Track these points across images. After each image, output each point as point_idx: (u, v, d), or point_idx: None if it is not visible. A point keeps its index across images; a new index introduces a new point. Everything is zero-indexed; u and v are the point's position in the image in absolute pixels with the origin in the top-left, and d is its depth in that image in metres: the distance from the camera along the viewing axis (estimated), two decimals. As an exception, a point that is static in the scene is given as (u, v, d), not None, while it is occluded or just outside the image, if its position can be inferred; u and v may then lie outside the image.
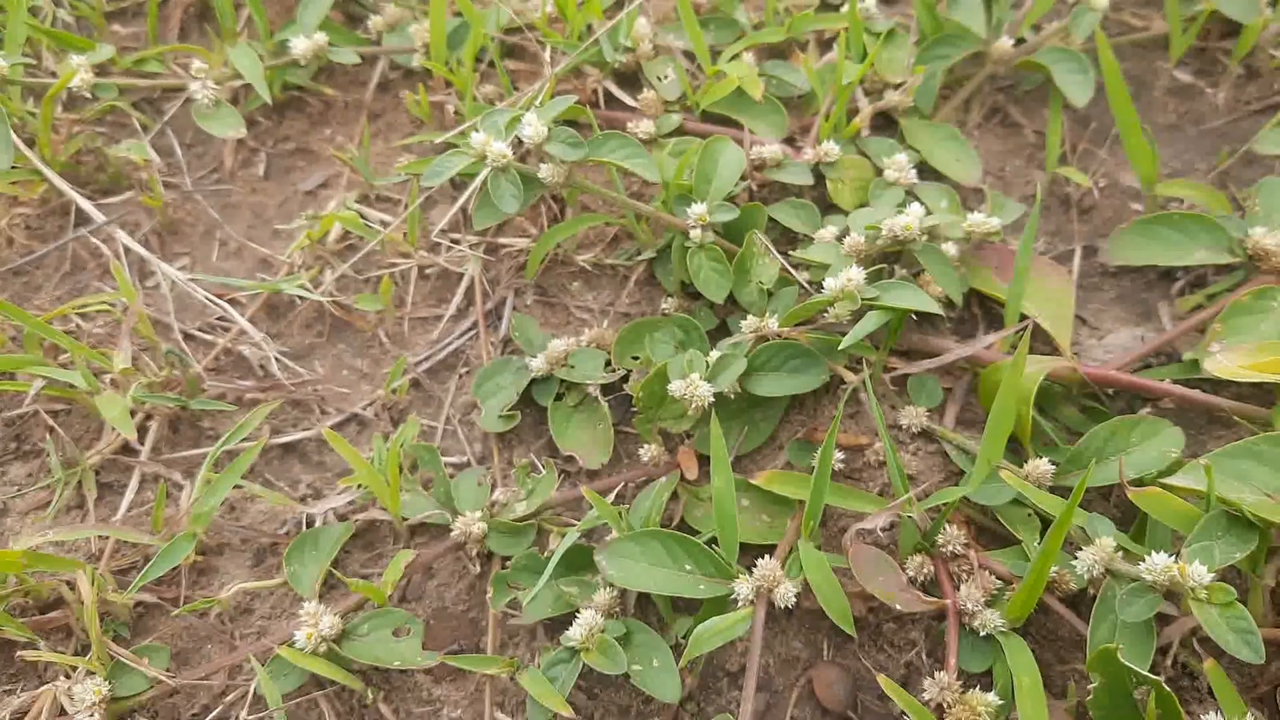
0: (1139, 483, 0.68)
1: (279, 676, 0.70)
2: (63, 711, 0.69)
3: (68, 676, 0.71)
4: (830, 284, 0.75)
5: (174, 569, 0.76)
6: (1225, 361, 0.73)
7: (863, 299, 0.74)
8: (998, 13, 0.94)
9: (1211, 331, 0.77)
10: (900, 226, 0.78)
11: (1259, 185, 0.85)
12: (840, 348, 0.73)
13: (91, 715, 0.68)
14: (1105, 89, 0.85)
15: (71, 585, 0.73)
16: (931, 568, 0.71)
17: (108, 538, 0.77)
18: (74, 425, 0.83)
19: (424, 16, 1.00)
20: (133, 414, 0.81)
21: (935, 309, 0.75)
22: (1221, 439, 0.76)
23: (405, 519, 0.77)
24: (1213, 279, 0.85)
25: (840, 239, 0.82)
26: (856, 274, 0.74)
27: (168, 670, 0.72)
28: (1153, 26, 1.01)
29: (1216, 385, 0.77)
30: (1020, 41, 0.97)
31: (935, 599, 0.68)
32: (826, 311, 0.77)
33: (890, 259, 0.83)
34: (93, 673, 0.70)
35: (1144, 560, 0.63)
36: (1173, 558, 0.62)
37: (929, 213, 0.85)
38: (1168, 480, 0.67)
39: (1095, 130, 0.96)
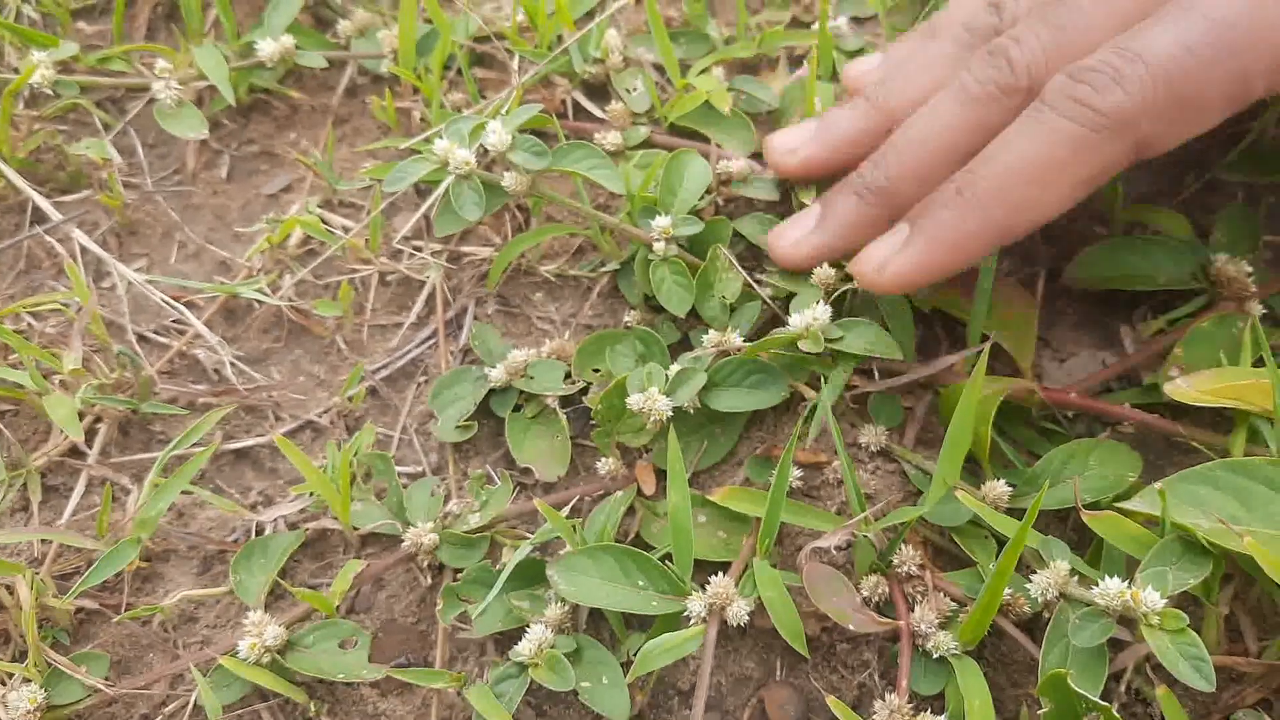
0: (1095, 506, 0.68)
1: (220, 687, 0.69)
2: (-4, 719, 0.68)
3: (3, 683, 0.69)
4: (795, 320, 0.74)
5: (117, 575, 0.74)
6: (1185, 386, 0.73)
7: (826, 340, 0.74)
8: (968, 34, 0.94)
9: (1172, 356, 0.77)
10: None
11: (1223, 212, 0.85)
12: (823, 404, 0.72)
13: (25, 723, 0.66)
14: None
15: (10, 589, 0.71)
16: (887, 588, 0.70)
17: (50, 542, 0.76)
18: (20, 426, 0.82)
19: (394, 22, 0.99)
20: (82, 416, 0.80)
21: (898, 355, 0.75)
22: (1180, 465, 0.75)
23: (356, 529, 0.76)
24: (1175, 304, 0.85)
25: (806, 256, 0.82)
26: (822, 313, 0.74)
27: (107, 679, 0.70)
28: (1122, 52, 1.01)
29: (1176, 411, 0.76)
30: (990, 63, 0.97)
31: (889, 620, 0.67)
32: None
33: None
34: (29, 680, 0.68)
35: (1097, 585, 0.62)
36: (1126, 583, 0.62)
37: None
38: (1123, 504, 0.67)
39: (1063, 154, 0.96)
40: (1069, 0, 0.69)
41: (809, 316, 0.74)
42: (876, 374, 0.79)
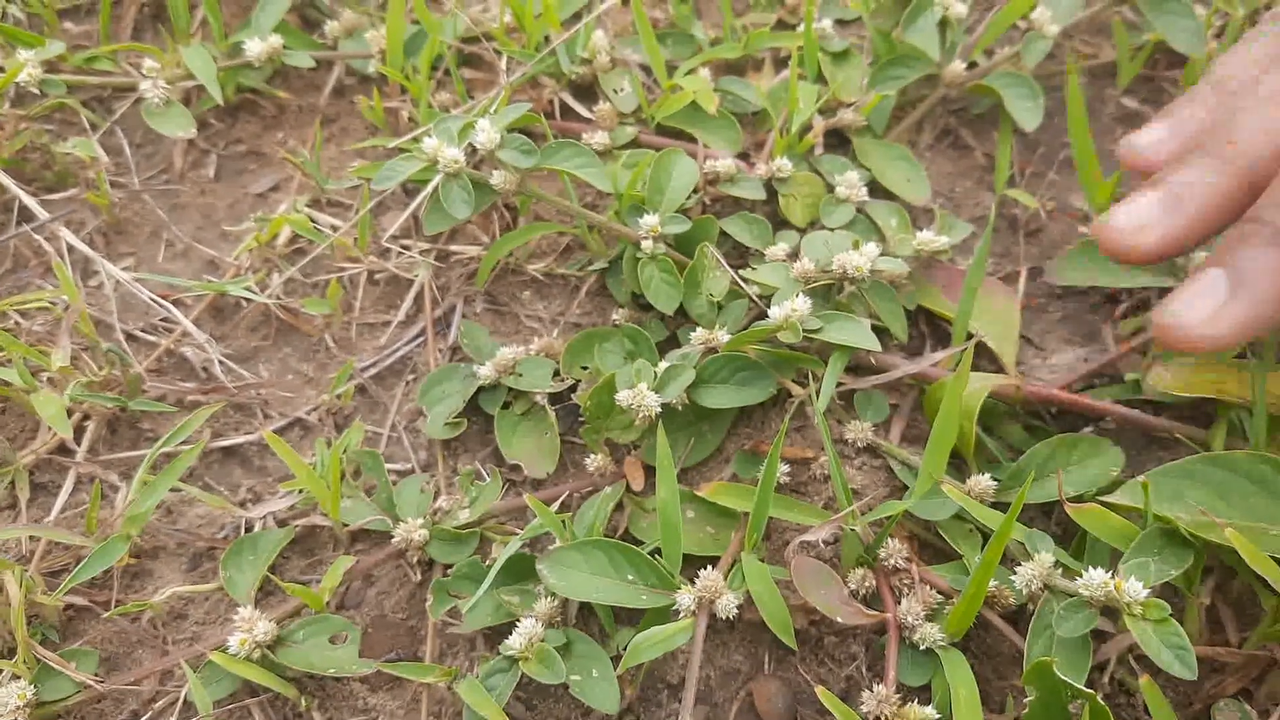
0: (1078, 500, 0.69)
1: (211, 683, 0.69)
2: (-16, 715, 0.68)
3: (-8, 680, 0.69)
4: (775, 312, 0.75)
5: (106, 572, 0.74)
6: (1166, 376, 0.74)
7: (805, 329, 0.74)
8: (952, 36, 0.95)
9: (1152, 352, 0.78)
10: (852, 266, 0.78)
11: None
12: (819, 410, 0.73)
13: (15, 720, 0.66)
14: (1059, 114, 0.86)
15: (-1, 586, 0.71)
16: (873, 581, 0.71)
17: (39, 538, 0.76)
18: (9, 424, 0.82)
19: (381, 23, 1.00)
20: (70, 413, 0.80)
21: (876, 347, 0.75)
22: (1162, 459, 0.76)
23: (346, 525, 0.76)
24: (1156, 301, 0.86)
25: (792, 256, 0.83)
26: (801, 305, 0.74)
27: (96, 675, 0.70)
28: (1101, 54, 1.03)
29: (1157, 407, 0.78)
30: (973, 65, 0.98)
31: (876, 612, 0.68)
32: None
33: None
34: (18, 676, 0.68)
35: (1081, 576, 0.63)
36: (1110, 574, 0.63)
37: (881, 236, 0.86)
38: (1106, 498, 0.68)
39: (1043, 154, 0.97)
40: None
41: (788, 308, 0.74)
42: (874, 362, 0.80)
